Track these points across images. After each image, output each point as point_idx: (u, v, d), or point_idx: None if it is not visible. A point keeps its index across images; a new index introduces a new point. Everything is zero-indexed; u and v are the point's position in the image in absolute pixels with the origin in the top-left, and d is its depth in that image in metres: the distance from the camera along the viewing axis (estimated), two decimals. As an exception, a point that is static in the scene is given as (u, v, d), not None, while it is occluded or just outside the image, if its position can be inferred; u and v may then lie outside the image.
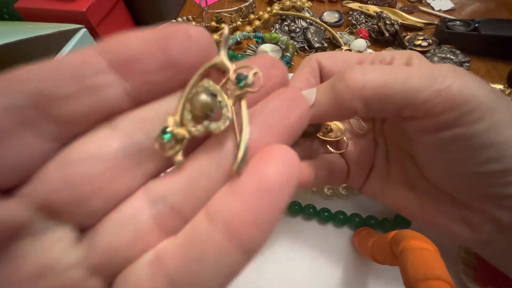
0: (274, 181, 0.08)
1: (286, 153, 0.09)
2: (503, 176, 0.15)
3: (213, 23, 0.45)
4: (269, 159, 0.09)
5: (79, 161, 0.08)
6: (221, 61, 0.09)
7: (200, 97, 0.09)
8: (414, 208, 0.21)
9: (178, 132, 0.09)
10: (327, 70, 0.21)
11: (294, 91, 0.10)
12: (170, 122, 0.09)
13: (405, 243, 0.17)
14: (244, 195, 0.08)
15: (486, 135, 0.15)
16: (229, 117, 0.09)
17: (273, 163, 0.08)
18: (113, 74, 0.09)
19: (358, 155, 0.23)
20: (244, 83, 0.09)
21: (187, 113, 0.09)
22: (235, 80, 0.09)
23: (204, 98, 0.09)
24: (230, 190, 0.09)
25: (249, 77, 0.09)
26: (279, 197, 0.08)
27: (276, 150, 0.09)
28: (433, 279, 0.14)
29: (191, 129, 0.09)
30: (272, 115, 0.10)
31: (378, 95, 0.16)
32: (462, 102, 0.15)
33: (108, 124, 0.09)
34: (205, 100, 0.09)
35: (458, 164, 0.16)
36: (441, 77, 0.15)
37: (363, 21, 0.45)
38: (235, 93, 0.09)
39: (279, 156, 0.09)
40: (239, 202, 0.08)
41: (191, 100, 0.09)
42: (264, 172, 0.08)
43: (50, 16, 0.35)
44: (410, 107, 0.16)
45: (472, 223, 0.18)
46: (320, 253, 0.25)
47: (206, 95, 0.09)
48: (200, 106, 0.09)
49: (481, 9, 0.49)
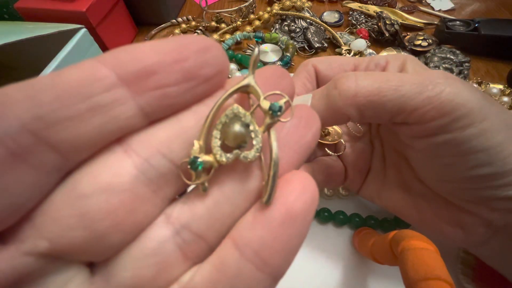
0: (299, 210, 0.08)
1: (307, 181, 0.09)
2: (494, 180, 0.16)
3: (213, 23, 0.45)
4: (293, 188, 0.09)
5: (92, 194, 0.07)
6: (251, 85, 0.09)
7: (234, 128, 0.09)
8: (410, 211, 0.21)
9: (206, 161, 0.08)
10: (323, 75, 0.22)
11: (308, 109, 0.10)
12: (196, 148, 0.08)
13: (405, 243, 0.17)
14: (272, 225, 0.08)
15: (477, 140, 0.15)
16: (260, 148, 0.09)
17: (297, 191, 0.09)
18: (124, 90, 0.08)
19: (355, 157, 0.24)
20: (279, 114, 0.08)
21: (216, 141, 0.09)
22: (269, 111, 0.09)
23: (238, 129, 0.09)
24: (257, 219, 0.08)
25: (283, 109, 0.09)
26: (304, 224, 0.08)
27: (298, 177, 0.09)
28: (433, 279, 0.14)
29: (220, 159, 0.09)
30: (291, 135, 0.10)
31: (371, 102, 0.16)
32: (452, 109, 0.15)
33: (121, 146, 0.08)
34: (239, 132, 0.09)
35: (450, 168, 0.17)
36: (431, 85, 0.15)
37: (363, 21, 0.45)
38: (266, 121, 0.09)
39: (301, 184, 0.09)
40: (268, 232, 0.08)
41: (222, 129, 0.09)
42: (289, 201, 0.08)
43: (50, 16, 0.35)
44: (402, 114, 0.16)
45: (465, 225, 0.18)
46: (320, 253, 0.25)
47: (240, 126, 0.09)
48: (234, 138, 0.09)
49: (481, 9, 0.49)
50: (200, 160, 0.08)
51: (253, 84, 0.09)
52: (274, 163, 0.08)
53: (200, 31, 0.45)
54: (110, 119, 0.08)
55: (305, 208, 0.08)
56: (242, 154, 0.09)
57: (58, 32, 0.31)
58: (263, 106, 0.09)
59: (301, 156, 0.10)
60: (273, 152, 0.09)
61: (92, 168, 0.08)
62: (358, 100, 0.16)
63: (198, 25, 0.46)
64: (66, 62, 0.31)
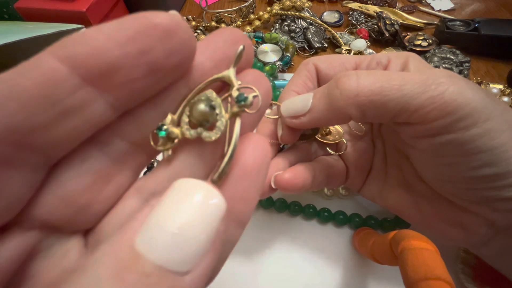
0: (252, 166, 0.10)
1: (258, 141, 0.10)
2: (497, 180, 0.16)
3: (213, 23, 0.45)
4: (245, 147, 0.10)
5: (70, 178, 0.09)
6: (229, 76, 0.10)
7: (199, 106, 0.09)
8: (411, 210, 0.21)
9: (172, 131, 0.09)
10: (324, 74, 0.21)
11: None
12: (168, 120, 0.09)
13: (405, 243, 0.17)
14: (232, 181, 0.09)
15: (480, 140, 0.15)
16: (221, 130, 0.09)
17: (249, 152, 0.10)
18: (91, 89, 0.08)
19: (357, 157, 0.23)
20: (243, 103, 0.09)
21: (185, 116, 0.10)
22: (235, 99, 0.09)
23: (203, 108, 0.09)
24: None
25: (249, 99, 0.09)
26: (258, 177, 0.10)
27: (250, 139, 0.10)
28: (433, 279, 0.14)
29: (184, 132, 0.09)
30: None
31: (373, 102, 0.16)
32: (455, 109, 0.15)
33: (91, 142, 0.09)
34: (203, 110, 0.09)
35: (452, 169, 0.17)
36: (434, 84, 0.15)
37: (363, 21, 0.45)
38: (233, 110, 0.10)
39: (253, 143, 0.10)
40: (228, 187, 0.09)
41: (191, 106, 0.10)
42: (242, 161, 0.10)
43: (50, 16, 0.35)
44: (405, 113, 0.16)
45: (467, 225, 0.18)
46: (320, 253, 0.25)
47: (205, 106, 0.09)
48: (198, 115, 0.09)
49: (481, 9, 0.49)
50: (165, 127, 0.09)
51: (231, 75, 0.10)
52: (232, 149, 0.09)
53: (200, 31, 0.45)
54: (82, 120, 0.08)
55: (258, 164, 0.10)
56: (203, 132, 0.09)
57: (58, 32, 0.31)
58: (233, 95, 0.10)
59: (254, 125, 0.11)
60: (233, 138, 0.09)
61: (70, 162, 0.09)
62: (360, 99, 0.16)
63: (198, 25, 0.46)
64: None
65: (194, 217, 0.07)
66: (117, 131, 0.09)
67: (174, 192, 0.08)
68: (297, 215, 0.27)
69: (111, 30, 0.07)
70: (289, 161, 0.22)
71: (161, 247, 0.07)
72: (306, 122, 0.18)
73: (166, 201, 0.07)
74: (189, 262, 0.07)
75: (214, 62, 0.10)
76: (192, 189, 0.08)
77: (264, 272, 0.24)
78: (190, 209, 0.07)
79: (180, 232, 0.07)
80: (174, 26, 0.08)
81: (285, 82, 0.36)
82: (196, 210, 0.07)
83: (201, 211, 0.07)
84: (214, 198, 0.08)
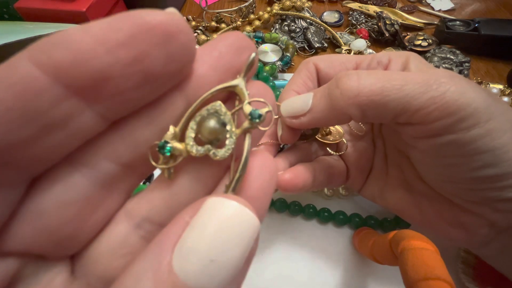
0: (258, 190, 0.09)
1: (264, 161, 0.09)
2: (498, 181, 0.16)
3: (213, 23, 0.45)
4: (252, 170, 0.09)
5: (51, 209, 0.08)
6: (240, 88, 0.09)
7: (210, 123, 0.08)
8: (412, 211, 0.21)
9: (176, 148, 0.08)
10: (324, 73, 0.21)
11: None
12: (170, 134, 0.08)
13: (405, 243, 0.17)
14: None
15: (482, 140, 0.15)
16: (232, 149, 0.09)
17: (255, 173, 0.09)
18: (77, 100, 0.07)
19: (357, 157, 0.23)
20: (257, 121, 0.09)
21: (191, 131, 0.09)
22: (248, 115, 0.09)
23: (213, 125, 0.08)
24: None
25: (263, 116, 0.09)
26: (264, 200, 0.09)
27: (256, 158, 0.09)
28: (433, 279, 0.14)
29: (190, 149, 0.09)
30: None
31: (373, 102, 0.16)
32: (456, 109, 0.15)
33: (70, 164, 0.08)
34: (213, 128, 0.08)
35: (453, 169, 0.17)
36: (436, 84, 0.15)
37: (363, 21, 0.45)
38: (245, 125, 0.09)
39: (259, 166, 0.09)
40: None
41: (199, 122, 0.09)
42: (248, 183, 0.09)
43: (50, 16, 0.35)
44: (406, 114, 0.16)
45: (468, 225, 0.18)
46: (320, 253, 0.25)
47: (215, 122, 0.09)
48: (208, 133, 0.09)
49: (481, 9, 0.49)
50: (169, 145, 0.08)
51: (242, 87, 0.09)
52: (242, 167, 0.09)
53: (200, 31, 0.45)
54: (67, 133, 0.07)
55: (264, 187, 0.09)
56: (212, 150, 0.09)
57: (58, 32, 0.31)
58: (245, 110, 0.09)
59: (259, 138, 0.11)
60: (244, 156, 0.09)
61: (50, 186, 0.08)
62: (361, 99, 0.16)
63: (198, 25, 0.46)
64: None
65: (230, 241, 0.07)
66: (105, 151, 0.08)
67: (207, 212, 0.07)
68: (297, 215, 0.27)
69: (100, 32, 0.06)
70: (289, 161, 0.22)
71: (199, 272, 0.06)
72: (306, 122, 0.18)
73: (200, 222, 0.07)
74: (225, 285, 0.07)
75: (218, 72, 0.09)
76: (226, 210, 0.07)
77: (264, 272, 0.24)
78: (226, 233, 0.07)
79: (217, 259, 0.07)
80: (173, 27, 0.07)
81: (285, 82, 0.36)
82: (232, 233, 0.07)
83: (237, 234, 0.07)
84: (248, 218, 0.07)
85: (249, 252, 0.07)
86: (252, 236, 0.07)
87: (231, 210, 0.07)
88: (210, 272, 0.06)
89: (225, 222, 0.07)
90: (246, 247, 0.07)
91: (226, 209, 0.07)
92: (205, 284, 0.06)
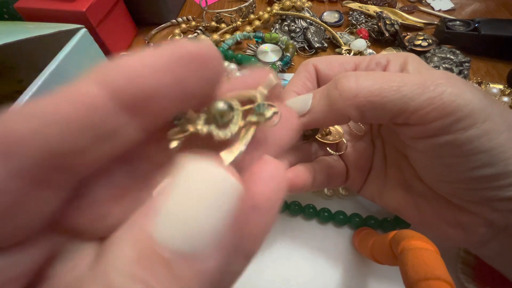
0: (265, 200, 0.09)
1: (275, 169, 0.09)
2: (496, 180, 0.16)
3: (213, 23, 0.45)
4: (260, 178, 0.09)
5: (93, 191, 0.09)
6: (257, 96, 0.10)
7: (218, 103, 0.09)
8: (411, 211, 0.21)
9: (187, 119, 0.09)
10: (324, 74, 0.21)
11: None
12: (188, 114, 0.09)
13: (405, 243, 0.17)
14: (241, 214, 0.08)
15: (479, 141, 0.15)
16: (233, 131, 0.09)
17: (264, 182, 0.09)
18: (126, 115, 0.08)
19: (357, 157, 0.23)
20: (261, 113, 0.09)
21: (203, 114, 0.10)
22: (255, 108, 0.09)
23: (221, 105, 0.09)
24: None
25: (267, 111, 0.09)
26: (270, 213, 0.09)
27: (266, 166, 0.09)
28: (433, 279, 0.14)
29: (196, 125, 0.09)
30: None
31: (372, 103, 0.16)
32: (453, 110, 0.15)
33: None
34: (221, 107, 0.09)
35: (451, 169, 0.17)
36: (433, 85, 0.15)
37: (363, 21, 0.45)
38: (250, 118, 0.09)
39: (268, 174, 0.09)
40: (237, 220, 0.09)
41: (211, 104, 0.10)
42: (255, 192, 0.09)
43: (50, 16, 0.35)
44: (403, 114, 0.16)
45: (466, 225, 0.18)
46: (320, 253, 0.25)
47: (224, 104, 0.09)
48: (214, 110, 0.09)
49: (481, 9, 0.49)
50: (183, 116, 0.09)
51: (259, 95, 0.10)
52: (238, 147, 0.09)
53: (200, 31, 0.45)
54: (114, 143, 0.08)
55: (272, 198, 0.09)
56: (215, 130, 0.09)
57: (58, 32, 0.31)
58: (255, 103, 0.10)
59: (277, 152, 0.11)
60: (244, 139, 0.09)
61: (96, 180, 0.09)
62: (359, 100, 0.16)
63: (198, 25, 0.46)
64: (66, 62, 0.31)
65: (208, 203, 0.07)
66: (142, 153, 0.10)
67: (185, 177, 0.07)
68: (297, 215, 0.27)
69: (149, 59, 0.08)
70: (289, 162, 0.22)
71: (178, 237, 0.07)
72: (306, 122, 0.18)
73: (178, 186, 0.07)
74: (208, 246, 0.07)
75: None
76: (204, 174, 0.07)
77: (264, 272, 0.24)
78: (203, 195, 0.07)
79: (195, 223, 0.07)
80: (209, 55, 0.08)
81: (285, 82, 0.36)
82: (210, 197, 0.07)
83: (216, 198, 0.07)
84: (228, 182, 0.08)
85: (232, 213, 0.07)
86: (232, 200, 0.08)
87: (209, 174, 0.07)
88: (189, 236, 0.07)
89: (203, 186, 0.07)
90: (226, 211, 0.07)
91: (205, 173, 0.07)
92: (185, 248, 0.07)
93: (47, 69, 0.29)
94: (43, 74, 0.29)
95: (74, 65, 0.33)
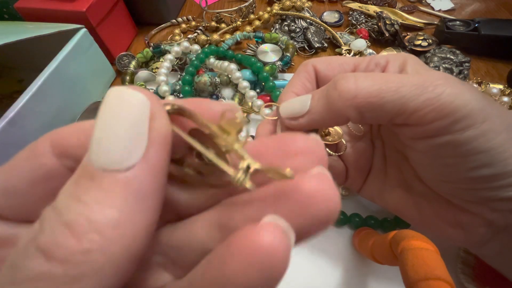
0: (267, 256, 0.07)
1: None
2: (495, 180, 0.16)
3: (213, 23, 0.45)
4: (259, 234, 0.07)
5: None
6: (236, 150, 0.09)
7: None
8: (411, 211, 0.21)
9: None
10: (323, 75, 0.21)
11: None
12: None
13: (405, 243, 0.17)
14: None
15: (477, 141, 0.15)
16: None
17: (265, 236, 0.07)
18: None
19: (356, 157, 0.23)
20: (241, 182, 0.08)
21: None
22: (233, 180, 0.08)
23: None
24: None
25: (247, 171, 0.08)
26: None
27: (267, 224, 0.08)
28: (433, 279, 0.14)
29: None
30: None
31: (371, 104, 0.16)
32: (452, 110, 0.15)
33: None
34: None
35: (450, 169, 0.17)
36: (432, 86, 0.15)
37: (363, 21, 0.45)
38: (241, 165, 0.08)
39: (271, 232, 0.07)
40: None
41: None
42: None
43: (50, 16, 0.35)
44: (402, 115, 0.16)
45: (466, 225, 0.18)
46: (320, 253, 0.25)
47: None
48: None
49: (481, 9, 0.49)
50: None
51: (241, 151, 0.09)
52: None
53: (200, 31, 0.45)
54: None
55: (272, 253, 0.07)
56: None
57: (58, 32, 0.31)
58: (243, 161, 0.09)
59: None
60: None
61: None
62: (358, 101, 0.16)
63: (198, 25, 0.46)
64: (66, 62, 0.31)
65: (113, 118, 0.08)
66: None
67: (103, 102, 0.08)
68: (297, 215, 0.27)
69: None
70: None
71: (101, 152, 0.08)
72: (305, 123, 0.19)
73: (99, 112, 0.08)
74: (127, 159, 0.08)
75: None
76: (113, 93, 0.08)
77: (264, 272, 0.24)
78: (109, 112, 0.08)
79: (105, 135, 0.08)
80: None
81: (285, 82, 0.36)
82: (115, 110, 0.08)
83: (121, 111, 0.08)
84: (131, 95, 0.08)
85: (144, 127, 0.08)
86: (140, 112, 0.08)
87: (118, 93, 0.08)
88: (109, 151, 0.08)
89: (111, 103, 0.08)
90: (132, 122, 0.08)
91: (115, 93, 0.08)
92: (107, 162, 0.08)
93: (47, 69, 0.29)
94: (43, 74, 0.29)
95: (74, 65, 0.33)
